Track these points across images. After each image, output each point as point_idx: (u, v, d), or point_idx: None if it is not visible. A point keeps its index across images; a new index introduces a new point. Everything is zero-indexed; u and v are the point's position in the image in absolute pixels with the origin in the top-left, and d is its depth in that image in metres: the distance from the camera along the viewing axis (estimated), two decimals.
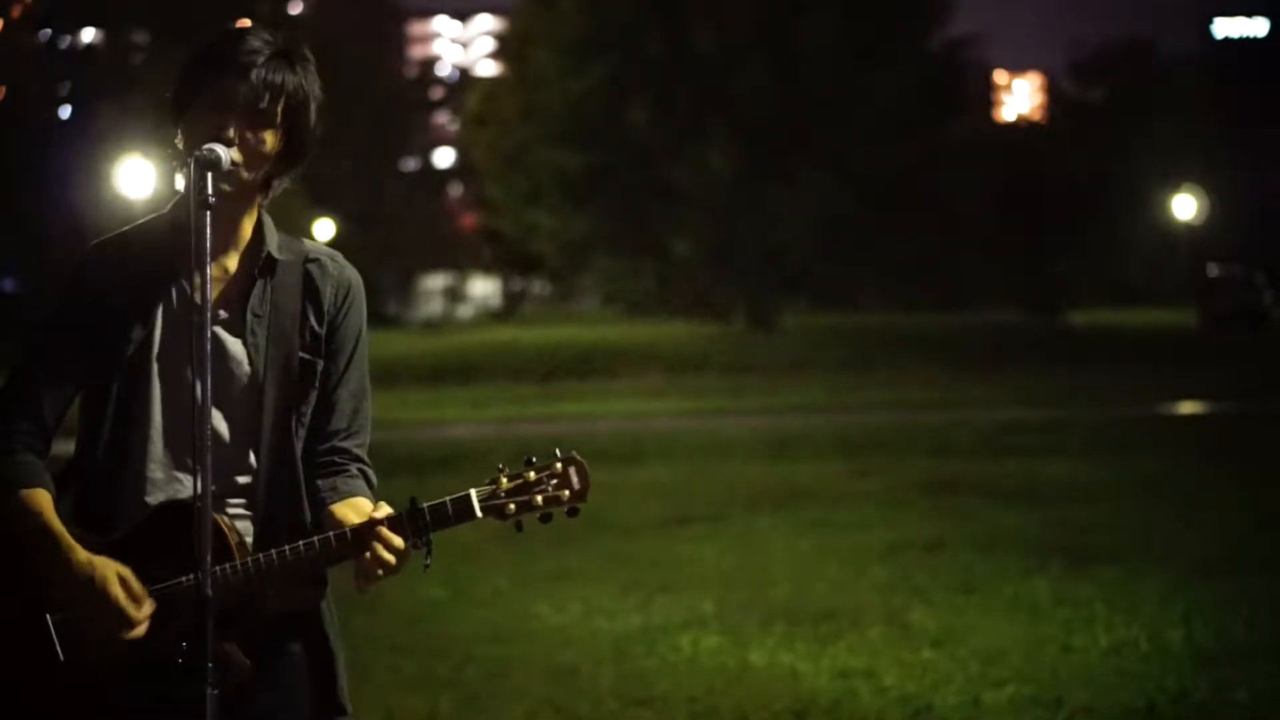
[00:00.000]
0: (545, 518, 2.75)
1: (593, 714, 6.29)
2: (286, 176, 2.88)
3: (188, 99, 2.78)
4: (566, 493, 2.74)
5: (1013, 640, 7.28)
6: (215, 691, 2.55)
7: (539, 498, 2.73)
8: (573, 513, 2.76)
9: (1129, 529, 10.52)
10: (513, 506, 2.73)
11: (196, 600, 2.57)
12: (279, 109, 2.76)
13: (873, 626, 7.60)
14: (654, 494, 12.69)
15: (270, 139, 2.77)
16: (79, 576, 2.69)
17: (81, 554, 2.71)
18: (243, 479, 2.82)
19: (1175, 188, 45.82)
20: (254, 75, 2.73)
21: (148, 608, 2.70)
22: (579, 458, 2.76)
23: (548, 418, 21.15)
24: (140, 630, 2.69)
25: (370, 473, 2.94)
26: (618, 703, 6.42)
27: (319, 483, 2.87)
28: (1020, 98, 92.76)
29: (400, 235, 57.90)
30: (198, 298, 2.66)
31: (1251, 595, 8.16)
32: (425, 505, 2.72)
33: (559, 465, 2.75)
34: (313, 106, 2.83)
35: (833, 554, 9.74)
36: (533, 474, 2.74)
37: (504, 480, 2.74)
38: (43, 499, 2.75)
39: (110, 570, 2.69)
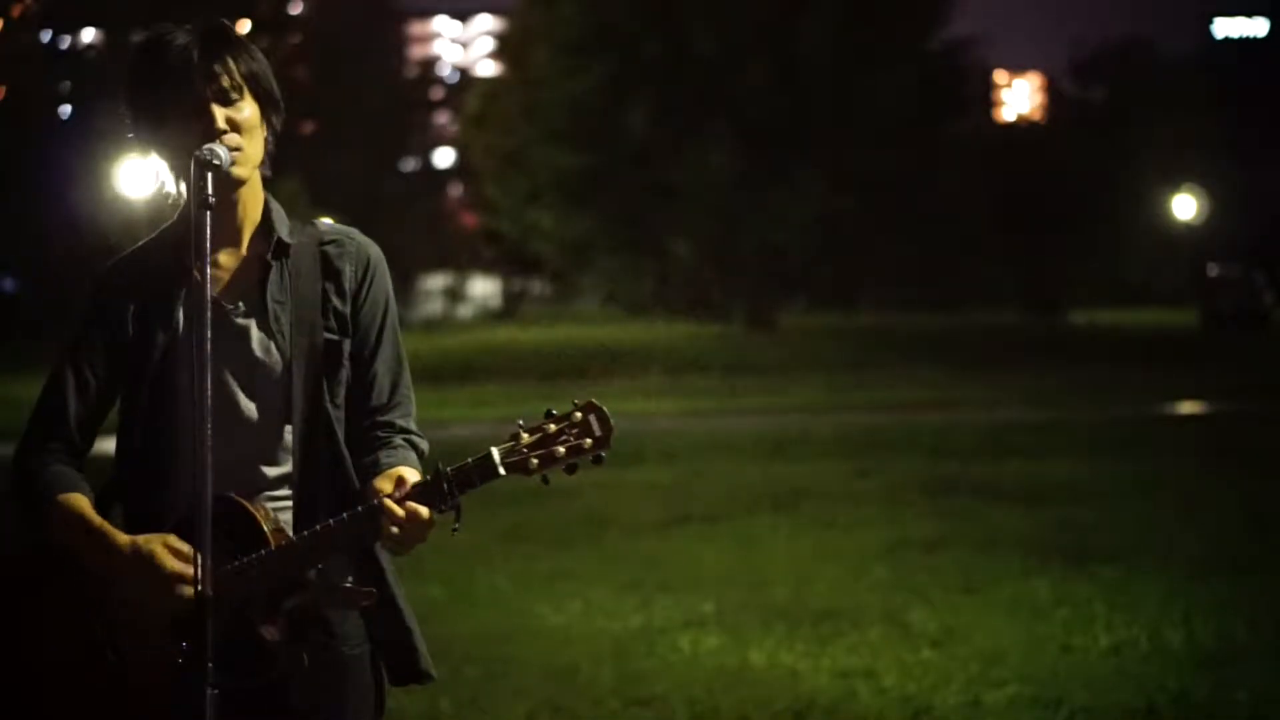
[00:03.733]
0: (570, 468, 2.68)
1: (593, 714, 6.29)
2: (271, 141, 2.88)
3: (157, 118, 2.79)
4: (589, 440, 2.67)
5: (1013, 640, 7.28)
6: (215, 692, 2.55)
7: (561, 448, 2.66)
8: (597, 460, 2.69)
9: (1129, 529, 10.52)
10: (535, 460, 2.67)
11: (195, 600, 2.57)
12: (240, 80, 2.78)
13: (873, 626, 7.60)
14: (654, 494, 12.69)
15: (251, 110, 2.79)
16: (127, 559, 2.71)
17: (124, 538, 2.73)
18: (281, 468, 2.83)
19: (1175, 188, 45.84)
20: (203, 61, 2.75)
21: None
22: (598, 404, 2.69)
23: None
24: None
25: (419, 441, 2.92)
26: (618, 703, 6.42)
27: (365, 460, 2.86)
28: (1020, 98, 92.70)
29: (400, 235, 57.84)
30: (212, 292, 2.70)
31: (1251, 595, 8.17)
32: (449, 469, 2.70)
33: (578, 414, 2.68)
34: (261, 66, 2.83)
35: (833, 554, 9.74)
36: (553, 425, 2.68)
37: (524, 435, 2.68)
38: (80, 502, 2.79)
39: (154, 543, 2.71)
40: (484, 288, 74.36)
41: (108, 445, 2.92)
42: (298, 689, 2.80)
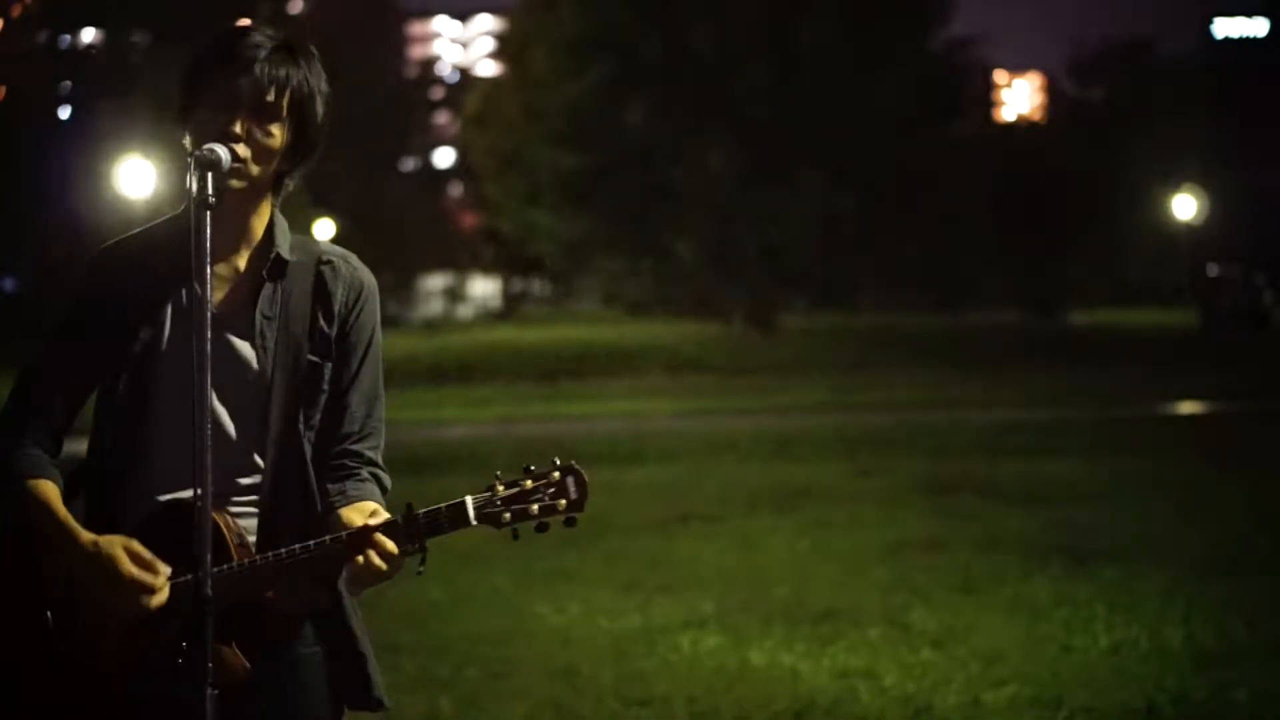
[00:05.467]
0: (541, 527, 2.72)
1: (593, 714, 6.29)
2: (297, 173, 2.88)
3: (194, 99, 2.78)
4: (563, 502, 2.71)
5: (1013, 640, 7.28)
6: (215, 692, 2.55)
7: (535, 506, 2.70)
8: (570, 522, 2.73)
9: (1129, 529, 10.51)
10: (508, 515, 2.69)
11: (195, 600, 2.56)
12: (284, 102, 2.77)
13: (873, 626, 7.60)
14: (654, 494, 12.69)
15: (278, 133, 2.78)
16: (87, 560, 2.69)
17: (86, 536, 2.71)
18: (248, 480, 2.82)
19: (1175, 188, 45.85)
20: (257, 69, 2.74)
21: (164, 571, 2.68)
22: (577, 467, 2.72)
23: (548, 418, 21.15)
24: (163, 595, 2.68)
25: (384, 476, 2.92)
26: (618, 703, 6.42)
27: (329, 486, 2.85)
28: (1020, 98, 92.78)
29: (400, 235, 57.87)
30: (206, 296, 2.67)
31: (1251, 595, 8.17)
32: (420, 511, 2.70)
33: (556, 474, 2.72)
34: (319, 100, 2.84)
35: (833, 554, 9.74)
36: (530, 482, 2.71)
37: (500, 488, 2.70)
38: (49, 489, 2.77)
39: (116, 546, 2.68)
40: (484, 288, 74.41)
41: (78, 444, 2.92)
42: (252, 692, 2.78)
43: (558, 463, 2.73)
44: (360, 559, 2.67)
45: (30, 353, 2.90)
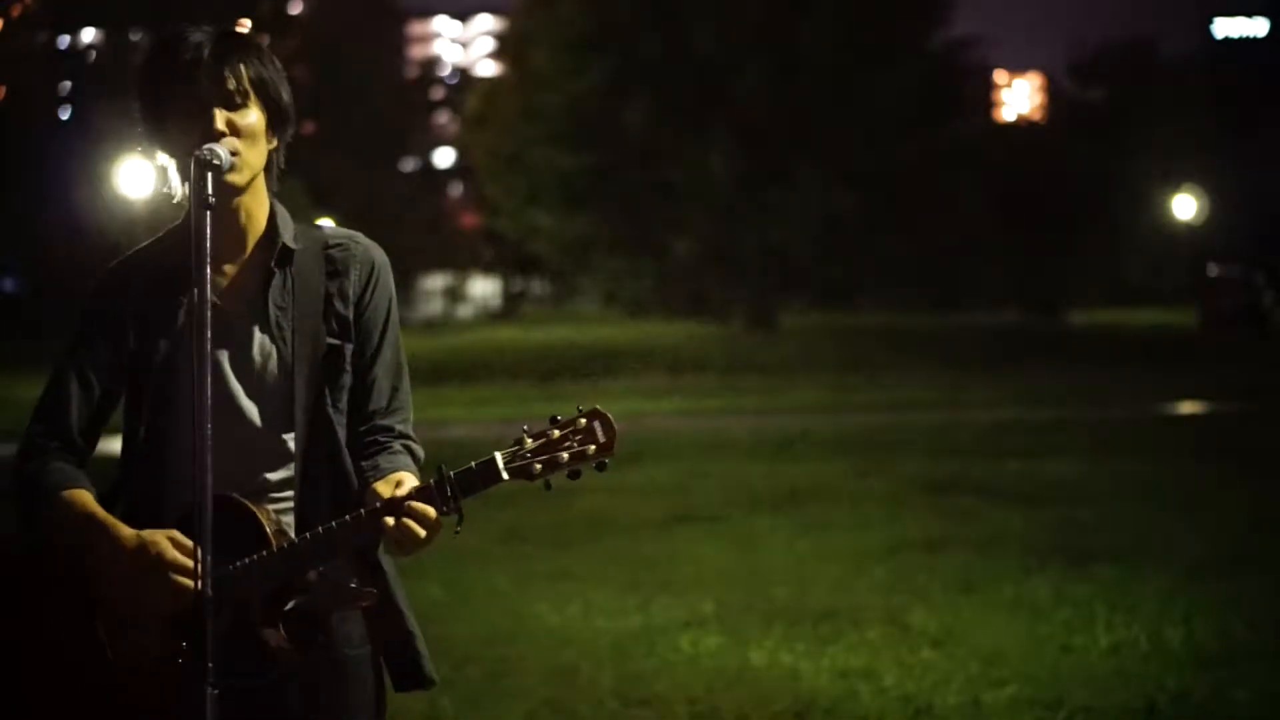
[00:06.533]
0: (573, 474, 2.71)
1: (593, 714, 6.29)
2: (280, 154, 2.88)
3: (159, 112, 2.79)
4: (592, 447, 2.70)
5: (1013, 640, 7.29)
6: (215, 691, 2.55)
7: (565, 454, 2.69)
8: (600, 467, 2.72)
9: (1129, 529, 10.51)
10: (539, 466, 2.69)
11: (196, 599, 2.57)
12: (248, 85, 2.78)
13: (873, 626, 7.60)
14: (654, 494, 12.68)
15: (255, 117, 2.79)
16: (131, 552, 2.70)
17: (128, 531, 2.72)
18: (283, 472, 2.84)
19: (1175, 188, 45.85)
20: (212, 63, 2.75)
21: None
22: (603, 411, 2.71)
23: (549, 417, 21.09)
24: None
25: (416, 448, 2.94)
26: (618, 703, 6.42)
27: (363, 464, 2.86)
28: (1020, 98, 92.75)
29: (400, 235, 57.75)
30: (212, 297, 2.68)
31: (1251, 595, 8.17)
32: (451, 472, 2.70)
33: (583, 420, 2.71)
34: (276, 77, 2.84)
35: (833, 554, 9.74)
36: (557, 431, 2.70)
37: (528, 440, 2.70)
38: (83, 496, 2.77)
39: (159, 535, 2.70)
40: (484, 288, 74.37)
41: (111, 445, 2.92)
42: (297, 689, 2.80)
43: (581, 409, 2.72)
44: (397, 527, 2.67)
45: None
